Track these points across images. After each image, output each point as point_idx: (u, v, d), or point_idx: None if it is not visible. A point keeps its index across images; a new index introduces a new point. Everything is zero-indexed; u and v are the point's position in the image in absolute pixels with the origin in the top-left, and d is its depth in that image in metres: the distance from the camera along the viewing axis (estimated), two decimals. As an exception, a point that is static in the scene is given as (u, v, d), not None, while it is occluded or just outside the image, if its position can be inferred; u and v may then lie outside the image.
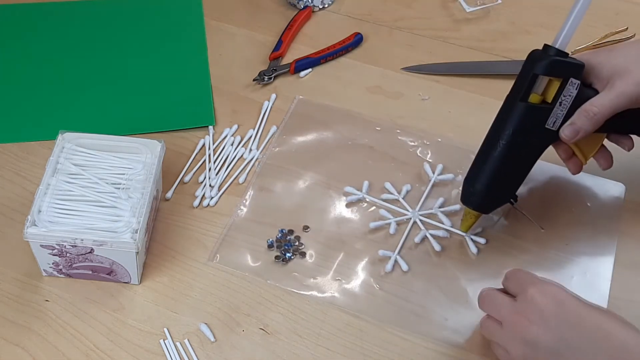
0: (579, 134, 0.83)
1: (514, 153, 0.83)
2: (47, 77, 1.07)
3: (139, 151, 0.88)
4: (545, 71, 0.81)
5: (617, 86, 0.81)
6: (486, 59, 1.09)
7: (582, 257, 0.89)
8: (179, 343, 0.82)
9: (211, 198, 0.94)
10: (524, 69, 0.83)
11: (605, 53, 0.84)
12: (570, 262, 0.89)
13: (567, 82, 0.81)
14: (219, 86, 1.06)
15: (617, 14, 1.08)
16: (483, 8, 1.16)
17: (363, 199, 0.94)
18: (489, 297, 0.78)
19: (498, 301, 0.77)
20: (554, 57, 0.81)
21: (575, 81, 0.81)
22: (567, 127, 0.83)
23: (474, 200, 0.86)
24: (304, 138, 1.00)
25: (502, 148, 0.83)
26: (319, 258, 0.89)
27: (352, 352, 0.82)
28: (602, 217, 0.93)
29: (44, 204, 0.82)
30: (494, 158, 0.83)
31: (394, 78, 1.07)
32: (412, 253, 0.90)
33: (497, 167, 0.83)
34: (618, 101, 0.81)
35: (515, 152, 0.83)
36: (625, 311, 0.81)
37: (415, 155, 0.98)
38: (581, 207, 0.93)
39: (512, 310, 0.74)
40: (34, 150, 0.98)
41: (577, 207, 0.93)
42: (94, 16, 1.16)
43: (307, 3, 1.16)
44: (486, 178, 0.84)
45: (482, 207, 0.87)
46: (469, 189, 0.86)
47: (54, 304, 0.85)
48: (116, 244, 0.80)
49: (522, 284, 0.75)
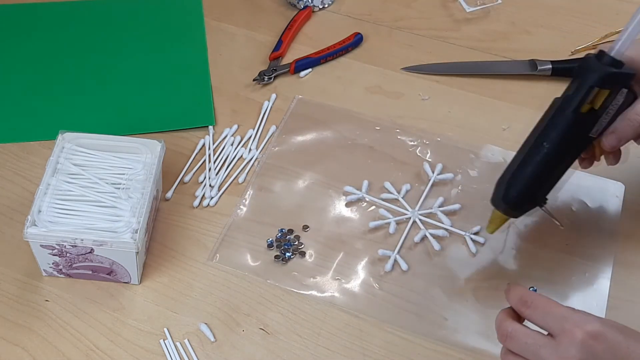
0: (621, 142, 0.80)
1: (556, 158, 0.81)
2: (47, 77, 1.07)
3: (139, 151, 0.88)
4: (602, 84, 0.77)
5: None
6: (486, 59, 1.09)
7: (581, 257, 0.89)
8: (179, 343, 0.82)
9: (211, 198, 0.94)
10: (578, 75, 0.79)
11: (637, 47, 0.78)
12: (570, 262, 0.89)
13: (618, 92, 0.78)
14: (219, 86, 1.06)
15: (617, 14, 1.08)
16: (483, 8, 1.16)
17: (363, 198, 0.94)
18: (517, 334, 0.69)
19: (532, 341, 0.68)
20: (612, 70, 0.77)
21: (624, 90, 0.78)
22: (610, 136, 0.80)
23: (508, 202, 0.83)
24: (303, 138, 1.00)
25: (546, 153, 0.80)
26: (318, 258, 0.89)
27: (352, 352, 0.82)
28: (602, 216, 0.93)
29: (44, 204, 0.82)
30: (536, 163, 0.80)
31: (394, 78, 1.07)
32: (411, 252, 0.90)
33: (538, 171, 0.81)
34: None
35: (557, 157, 0.81)
36: (625, 311, 0.82)
37: (415, 155, 0.98)
38: (581, 207, 0.93)
39: (555, 354, 0.66)
40: (34, 150, 0.99)
41: (576, 206, 0.94)
42: (94, 16, 1.16)
43: (307, 3, 1.16)
44: (525, 182, 0.81)
45: (515, 210, 0.84)
46: (503, 192, 0.83)
47: (54, 304, 0.85)
48: (116, 244, 0.80)
49: (559, 321, 0.67)
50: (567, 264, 0.88)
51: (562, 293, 0.86)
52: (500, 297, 0.85)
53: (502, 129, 1.01)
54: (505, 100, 1.04)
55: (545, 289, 0.86)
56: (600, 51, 0.78)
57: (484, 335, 0.83)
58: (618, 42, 0.76)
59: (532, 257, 0.89)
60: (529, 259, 0.89)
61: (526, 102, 1.04)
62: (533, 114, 1.03)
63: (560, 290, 0.86)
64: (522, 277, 0.87)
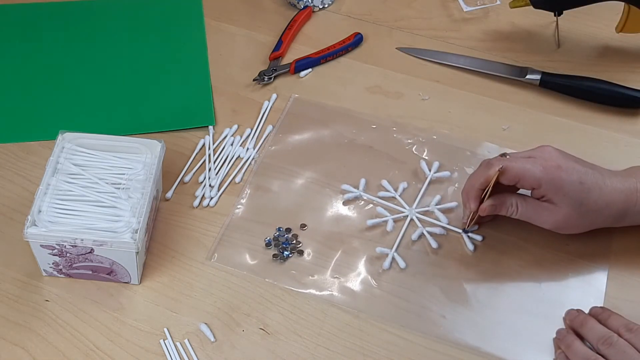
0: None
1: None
2: (47, 77, 1.08)
3: (139, 151, 0.88)
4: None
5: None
6: (486, 59, 1.09)
7: (578, 255, 0.89)
8: (179, 343, 0.82)
9: (211, 198, 0.94)
10: None
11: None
12: (567, 261, 0.89)
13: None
14: (219, 86, 1.06)
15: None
16: (482, 8, 1.16)
17: (360, 196, 0.94)
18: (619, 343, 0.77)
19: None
20: None
21: None
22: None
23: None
24: (300, 136, 1.00)
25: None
26: (316, 256, 0.89)
27: (352, 352, 0.82)
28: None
29: (44, 204, 0.82)
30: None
31: (394, 78, 1.08)
32: (409, 250, 0.90)
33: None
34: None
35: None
36: (622, 310, 0.82)
37: (412, 153, 0.98)
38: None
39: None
40: (34, 150, 0.99)
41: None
42: (94, 16, 1.16)
43: (307, 3, 1.16)
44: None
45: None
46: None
47: (54, 304, 0.85)
48: (116, 244, 0.81)
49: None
50: (565, 263, 0.88)
51: (559, 292, 0.86)
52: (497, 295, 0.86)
53: (502, 129, 1.01)
54: (505, 101, 1.04)
55: (543, 288, 0.86)
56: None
57: (482, 334, 0.83)
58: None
59: (530, 256, 0.89)
60: (527, 258, 0.89)
61: (526, 103, 1.04)
62: (533, 115, 1.04)
63: (558, 288, 0.86)
64: (519, 275, 0.88)
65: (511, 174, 0.83)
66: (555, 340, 0.82)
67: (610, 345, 0.77)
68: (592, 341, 0.79)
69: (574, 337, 0.80)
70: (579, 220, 0.84)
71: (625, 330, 0.78)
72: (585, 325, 0.80)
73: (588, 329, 0.80)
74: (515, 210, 0.86)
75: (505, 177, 0.83)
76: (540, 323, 0.84)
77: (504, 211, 0.86)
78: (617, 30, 1.07)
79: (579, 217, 0.84)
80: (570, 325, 0.82)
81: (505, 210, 0.86)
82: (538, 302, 0.85)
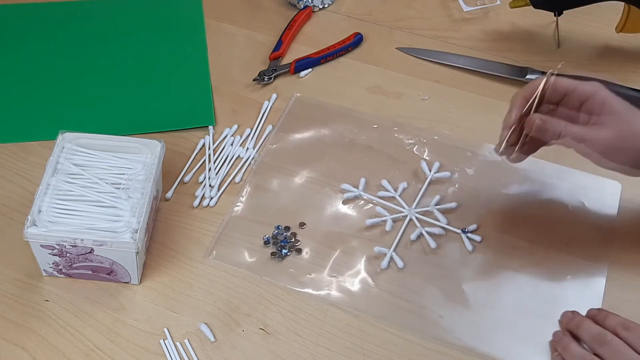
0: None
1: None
2: (47, 77, 1.08)
3: (139, 151, 0.88)
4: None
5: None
6: (486, 59, 1.09)
7: (577, 255, 0.89)
8: (179, 343, 0.83)
9: (211, 198, 0.94)
10: None
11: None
12: (565, 261, 0.89)
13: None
14: (219, 86, 1.06)
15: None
16: (482, 8, 1.16)
17: (359, 196, 0.94)
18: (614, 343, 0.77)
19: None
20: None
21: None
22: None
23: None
24: (300, 136, 1.01)
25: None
26: (314, 255, 0.89)
27: (352, 352, 0.82)
28: (599, 215, 0.93)
29: (44, 204, 0.82)
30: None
31: (394, 78, 1.08)
32: (407, 250, 0.90)
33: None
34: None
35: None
36: (622, 311, 0.82)
37: (412, 153, 0.98)
38: (578, 206, 0.94)
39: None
40: (34, 150, 0.99)
41: (574, 205, 0.94)
42: (94, 16, 1.16)
43: (307, 3, 1.16)
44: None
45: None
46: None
47: (54, 304, 0.85)
48: (116, 244, 0.81)
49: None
50: (563, 262, 0.89)
51: (558, 292, 0.86)
52: (496, 295, 0.86)
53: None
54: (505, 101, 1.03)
55: (542, 287, 0.86)
56: None
57: (481, 334, 0.83)
58: None
59: (529, 256, 0.89)
60: (526, 258, 0.89)
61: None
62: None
63: (556, 288, 0.87)
64: (517, 275, 0.88)
65: (561, 84, 0.81)
66: (551, 342, 0.82)
67: (604, 344, 0.77)
68: (586, 341, 0.79)
69: (570, 338, 0.80)
70: (627, 142, 0.79)
71: (622, 329, 0.78)
72: (580, 326, 0.80)
73: (583, 330, 0.80)
74: (563, 129, 0.80)
75: (555, 88, 0.81)
76: (539, 323, 0.84)
77: (552, 130, 0.81)
78: (617, 30, 1.07)
79: (628, 139, 0.79)
80: (566, 327, 0.82)
81: (553, 130, 0.81)
82: (537, 302, 0.85)
